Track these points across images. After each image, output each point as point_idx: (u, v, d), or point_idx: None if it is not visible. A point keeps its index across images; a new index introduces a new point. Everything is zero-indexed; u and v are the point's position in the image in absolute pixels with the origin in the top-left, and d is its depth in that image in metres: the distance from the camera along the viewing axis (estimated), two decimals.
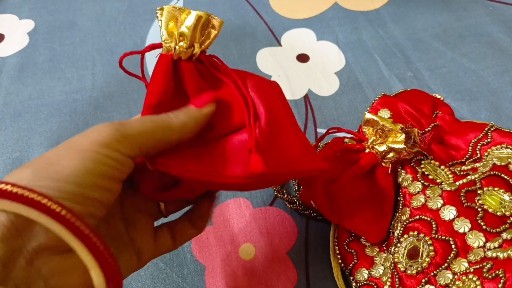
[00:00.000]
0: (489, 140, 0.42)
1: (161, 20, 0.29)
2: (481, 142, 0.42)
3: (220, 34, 0.62)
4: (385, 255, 0.38)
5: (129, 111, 0.53)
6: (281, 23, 0.63)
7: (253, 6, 0.65)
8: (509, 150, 0.40)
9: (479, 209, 0.35)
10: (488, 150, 0.41)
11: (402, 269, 0.35)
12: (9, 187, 0.20)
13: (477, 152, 0.42)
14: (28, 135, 0.52)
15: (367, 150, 0.39)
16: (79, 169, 0.22)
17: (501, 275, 0.30)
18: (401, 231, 0.36)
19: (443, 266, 0.33)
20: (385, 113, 0.44)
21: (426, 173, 0.39)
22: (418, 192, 0.38)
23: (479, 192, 0.36)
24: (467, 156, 0.42)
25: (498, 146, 0.41)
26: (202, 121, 0.29)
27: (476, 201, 0.36)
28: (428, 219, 0.36)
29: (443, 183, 0.38)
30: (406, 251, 0.35)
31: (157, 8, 0.29)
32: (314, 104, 0.54)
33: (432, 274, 0.33)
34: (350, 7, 0.65)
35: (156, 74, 0.29)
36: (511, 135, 0.42)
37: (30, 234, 0.21)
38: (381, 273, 0.37)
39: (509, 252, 0.30)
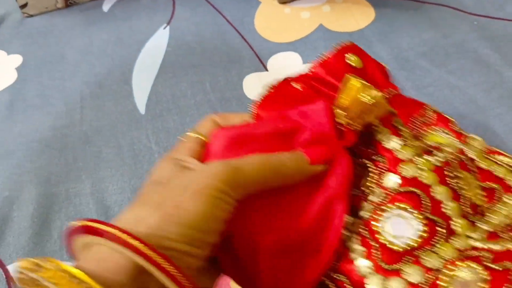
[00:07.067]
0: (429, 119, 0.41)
1: None
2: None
3: (207, 62, 0.63)
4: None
5: (118, 144, 0.54)
6: (267, 47, 0.64)
7: (239, 33, 0.66)
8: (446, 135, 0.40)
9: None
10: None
11: (383, 241, 0.32)
12: (125, 237, 0.23)
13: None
14: (19, 172, 0.52)
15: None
16: (202, 215, 0.24)
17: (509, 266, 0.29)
18: (384, 199, 0.33)
19: (431, 247, 0.31)
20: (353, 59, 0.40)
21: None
22: (408, 159, 0.35)
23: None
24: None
25: (437, 128, 0.41)
26: (307, 177, 0.28)
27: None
28: (419, 192, 0.33)
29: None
30: (391, 223, 0.32)
31: None
32: None
33: (418, 253, 0.31)
34: (335, 28, 0.65)
35: None
36: (447, 120, 0.42)
37: (151, 276, 0.23)
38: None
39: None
